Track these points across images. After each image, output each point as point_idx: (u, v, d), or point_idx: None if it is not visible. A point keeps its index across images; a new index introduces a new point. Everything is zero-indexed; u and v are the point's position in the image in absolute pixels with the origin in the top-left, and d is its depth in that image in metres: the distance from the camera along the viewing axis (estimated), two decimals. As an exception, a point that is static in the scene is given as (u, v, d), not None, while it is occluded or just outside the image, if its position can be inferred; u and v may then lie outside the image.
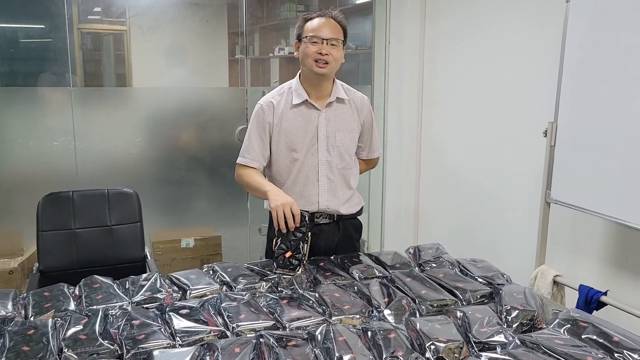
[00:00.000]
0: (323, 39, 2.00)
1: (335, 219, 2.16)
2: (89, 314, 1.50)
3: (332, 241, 2.17)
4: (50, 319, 1.47)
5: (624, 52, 2.08)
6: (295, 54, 2.10)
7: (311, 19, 2.05)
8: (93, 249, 2.46)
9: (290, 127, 2.08)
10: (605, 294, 2.24)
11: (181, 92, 3.57)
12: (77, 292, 1.71)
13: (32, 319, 1.52)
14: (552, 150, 2.43)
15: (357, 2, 4.09)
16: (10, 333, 1.39)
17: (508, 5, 2.91)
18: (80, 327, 1.42)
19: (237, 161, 2.13)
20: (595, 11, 2.20)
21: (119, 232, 2.51)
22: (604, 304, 2.24)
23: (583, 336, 1.42)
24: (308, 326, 1.49)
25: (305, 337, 1.40)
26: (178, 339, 1.40)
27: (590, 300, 2.26)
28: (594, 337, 1.40)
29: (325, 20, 2.03)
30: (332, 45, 2.01)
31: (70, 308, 1.58)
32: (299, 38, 2.07)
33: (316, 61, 2.00)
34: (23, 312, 1.58)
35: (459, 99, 3.35)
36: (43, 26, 3.31)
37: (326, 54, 2.00)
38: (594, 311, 2.24)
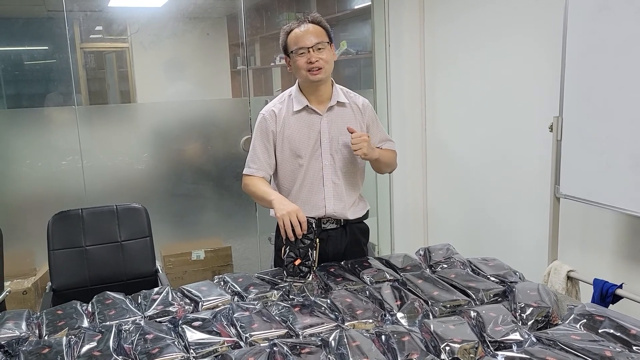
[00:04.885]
0: (308, 48, 1.99)
1: (342, 223, 2.16)
2: (103, 330, 1.51)
3: (340, 246, 2.16)
4: (64, 337, 1.47)
5: (626, 42, 2.07)
6: (288, 68, 2.10)
7: (291, 30, 2.04)
8: (104, 265, 2.47)
9: (293, 133, 2.08)
10: (620, 287, 2.21)
11: (185, 105, 3.59)
12: (90, 309, 1.71)
13: (46, 337, 1.52)
14: (559, 145, 2.42)
15: (356, 7, 4.10)
16: (24, 353, 1.39)
17: (507, 1, 2.91)
18: (94, 343, 1.43)
19: (243, 172, 2.13)
20: (595, 2, 2.19)
21: (129, 248, 2.52)
22: (619, 297, 2.22)
23: (600, 330, 1.40)
24: (321, 333, 1.48)
25: (319, 343, 1.40)
26: (192, 351, 1.39)
27: (606, 294, 2.23)
28: (611, 331, 1.39)
29: (305, 27, 2.02)
30: (319, 49, 2.00)
31: (83, 325, 1.58)
32: (286, 52, 2.07)
33: (309, 70, 2.01)
34: (37, 331, 1.58)
35: (462, 98, 3.34)
36: (46, 47, 3.34)
37: (316, 61, 1.99)
38: (610, 305, 2.21)
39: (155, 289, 1.80)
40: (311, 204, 2.10)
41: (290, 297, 1.78)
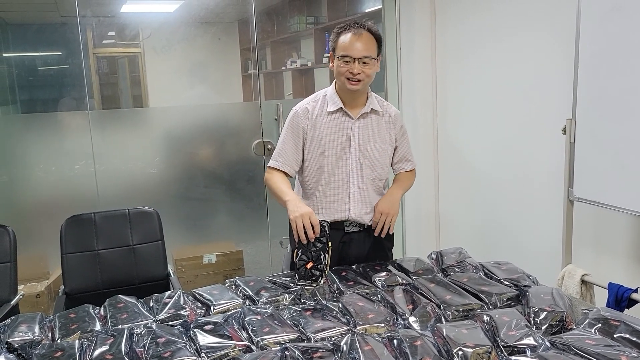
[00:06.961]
0: (355, 59, 1.97)
1: (365, 227, 2.16)
2: (115, 333, 1.51)
3: (362, 249, 2.16)
4: (77, 341, 1.48)
5: (639, 42, 2.05)
6: (330, 65, 2.09)
7: (344, 32, 2.01)
8: (116, 269, 2.48)
9: (323, 133, 2.08)
10: (635, 291, 2.18)
11: (197, 109, 3.60)
12: (102, 312, 1.72)
13: (59, 341, 1.53)
14: (572, 147, 2.39)
15: (367, 10, 4.09)
16: (37, 356, 1.40)
17: (519, 2, 2.89)
18: (106, 347, 1.43)
19: (268, 164, 2.13)
20: (608, 2, 2.17)
21: (141, 251, 2.53)
22: (635, 302, 2.18)
23: (615, 335, 1.38)
24: (333, 337, 1.47)
25: (331, 348, 1.39)
26: (203, 355, 1.40)
27: (621, 298, 2.20)
28: (627, 336, 1.37)
29: (357, 36, 1.98)
30: (364, 63, 1.98)
31: (96, 328, 1.58)
32: (334, 51, 2.05)
33: (348, 79, 1.99)
34: (50, 334, 1.59)
35: (473, 100, 3.32)
36: (60, 53, 3.38)
37: (358, 73, 1.98)
38: (625, 309, 2.18)
39: (167, 293, 1.81)
40: (335, 206, 2.10)
41: (302, 300, 1.77)
